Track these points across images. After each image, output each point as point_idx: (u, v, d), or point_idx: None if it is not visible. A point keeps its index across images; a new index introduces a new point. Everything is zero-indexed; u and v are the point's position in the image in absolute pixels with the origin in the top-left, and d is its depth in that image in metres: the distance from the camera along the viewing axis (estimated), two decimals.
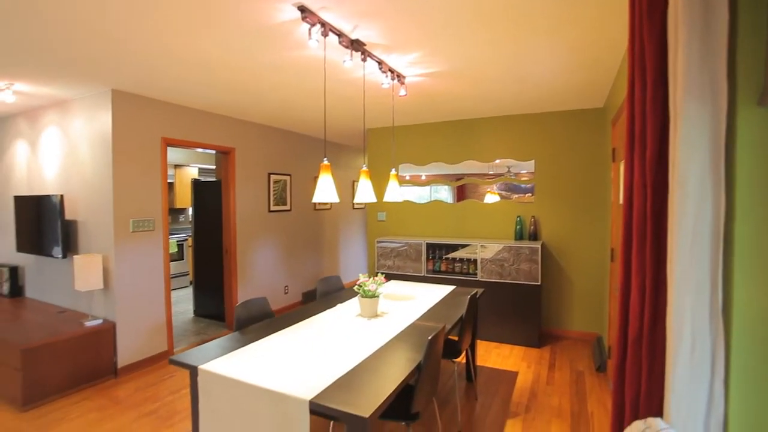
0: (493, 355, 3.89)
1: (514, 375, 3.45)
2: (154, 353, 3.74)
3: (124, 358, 3.49)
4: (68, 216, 3.75)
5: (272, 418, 1.57)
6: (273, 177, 5.07)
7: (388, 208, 5.18)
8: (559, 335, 4.36)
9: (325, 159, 2.15)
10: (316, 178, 5.90)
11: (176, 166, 6.88)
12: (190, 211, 7.57)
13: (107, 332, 3.39)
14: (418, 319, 2.51)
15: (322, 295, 3.17)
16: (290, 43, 2.46)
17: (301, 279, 5.65)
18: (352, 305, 2.82)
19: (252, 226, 4.78)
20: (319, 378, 1.67)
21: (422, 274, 4.51)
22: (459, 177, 4.79)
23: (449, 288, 3.39)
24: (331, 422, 2.42)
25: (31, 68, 2.86)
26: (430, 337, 1.85)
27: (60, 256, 3.64)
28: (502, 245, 4.10)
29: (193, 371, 1.85)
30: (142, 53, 2.59)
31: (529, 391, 3.17)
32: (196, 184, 5.06)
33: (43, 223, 3.81)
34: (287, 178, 5.31)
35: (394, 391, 1.58)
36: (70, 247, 3.73)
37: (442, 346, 2.06)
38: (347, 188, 6.77)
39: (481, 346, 4.10)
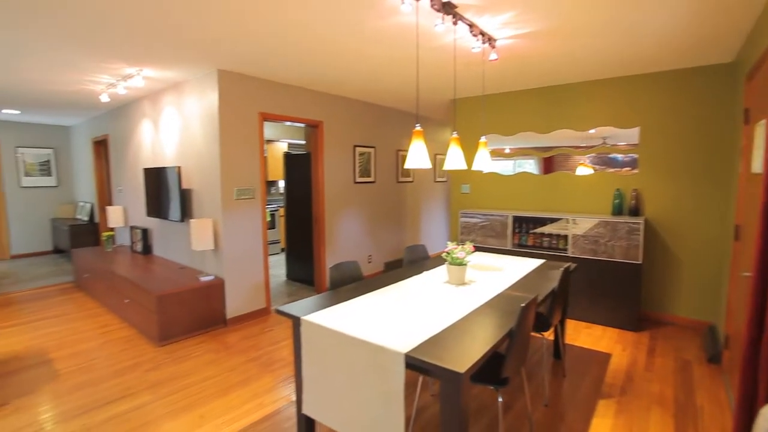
0: (582, 334, 3.70)
1: (606, 357, 3.25)
2: (255, 309, 4.16)
3: (231, 310, 3.95)
4: (184, 185, 4.26)
5: (369, 368, 1.68)
6: (358, 149, 5.22)
7: (473, 181, 5.07)
8: (661, 320, 3.99)
9: (417, 125, 2.16)
10: (399, 150, 5.96)
11: (268, 141, 7.39)
12: (280, 183, 8.15)
13: (218, 287, 3.84)
14: (507, 289, 2.46)
15: (408, 262, 3.25)
16: (382, 11, 2.46)
17: (384, 249, 5.83)
18: (438, 273, 2.86)
19: (339, 197, 5.00)
20: (413, 335, 1.74)
21: (507, 248, 4.39)
22: (547, 149, 4.50)
23: (538, 261, 3.26)
24: (421, 377, 2.52)
25: (156, 55, 3.23)
26: (523, 305, 1.82)
27: (179, 220, 4.17)
28: (597, 220, 3.81)
29: (296, 321, 2.04)
30: (245, 33, 2.78)
31: (624, 374, 2.98)
32: (288, 157, 5.40)
33: (165, 191, 4.38)
34: (371, 150, 5.44)
35: (487, 352, 1.59)
36: (186, 212, 4.25)
37: (533, 316, 2.01)
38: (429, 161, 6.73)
39: (570, 325, 3.91)
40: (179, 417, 2.49)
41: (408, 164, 2.16)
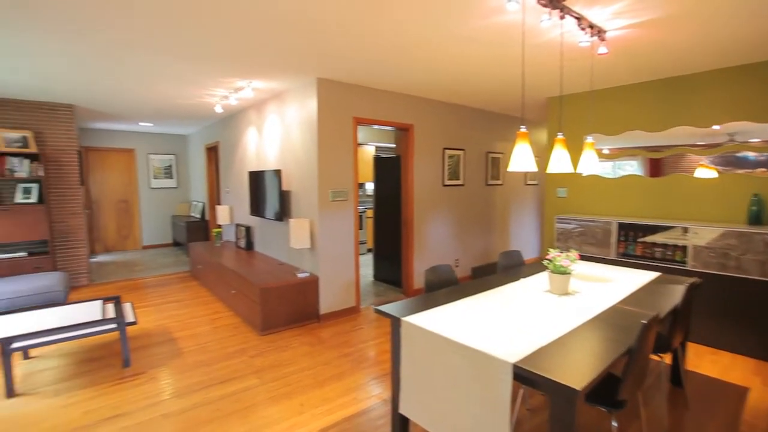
0: (706, 361, 3.24)
1: (741, 390, 2.81)
2: (345, 307, 4.33)
3: (324, 306, 4.15)
4: (284, 187, 4.58)
5: (473, 375, 1.64)
6: (447, 152, 5.18)
7: (570, 184, 4.73)
8: None
9: (522, 126, 2.07)
10: (488, 152, 5.79)
11: (357, 145, 7.65)
12: (368, 185, 8.39)
13: (313, 284, 4.07)
14: (618, 303, 2.25)
15: (503, 268, 3.14)
16: (485, 10, 2.41)
17: (471, 254, 5.70)
18: (537, 281, 2.71)
19: (427, 200, 5.01)
20: (518, 344, 1.66)
21: (610, 258, 4.02)
22: (658, 148, 4.03)
23: (652, 274, 2.93)
24: (522, 390, 2.41)
25: (264, 68, 3.53)
26: (644, 321, 1.64)
27: (278, 219, 4.50)
28: (725, 230, 3.32)
29: (396, 322, 2.07)
30: (345, 44, 2.91)
31: (767, 413, 2.55)
32: (377, 160, 5.54)
33: (267, 193, 4.75)
34: (461, 152, 5.36)
35: (605, 370, 1.46)
36: (285, 212, 4.57)
37: (654, 335, 1.81)
38: None
39: (691, 349, 3.46)
40: (281, 402, 2.68)
41: (512, 167, 2.08)
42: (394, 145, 8.32)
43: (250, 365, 3.20)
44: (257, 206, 5.05)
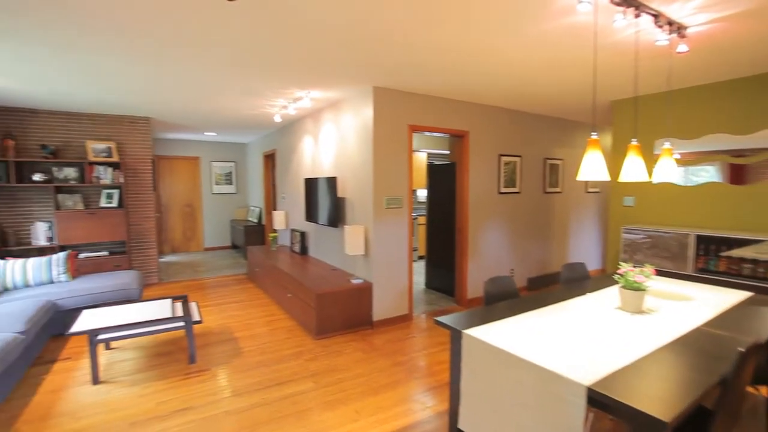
0: None
1: None
2: (398, 314, 4.31)
3: (377, 313, 4.16)
4: (339, 194, 4.67)
5: (541, 395, 1.56)
6: (503, 158, 5.03)
7: (638, 192, 4.42)
8: None
9: (593, 133, 1.96)
10: (546, 159, 5.56)
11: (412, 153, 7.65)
12: (419, 192, 8.36)
13: (367, 290, 4.09)
14: (703, 325, 2.05)
15: (566, 280, 2.98)
16: (553, 12, 2.32)
17: (527, 263, 5.48)
18: (604, 296, 2.54)
19: (482, 207, 4.89)
20: (591, 366, 1.56)
21: (687, 273, 3.69)
22: (741, 152, 3.65)
23: (742, 294, 2.65)
24: (591, 414, 2.26)
25: (322, 78, 3.63)
26: (742, 349, 1.47)
27: (333, 225, 4.58)
28: None
29: (456, 334, 2.02)
30: (402, 52, 2.92)
31: None
32: (431, 167, 5.50)
33: (322, 199, 4.87)
34: (517, 159, 5.19)
35: (695, 402, 1.33)
36: (340, 219, 4.65)
37: (753, 364, 1.62)
38: (576, 169, 6.12)
39: None
40: (337, 408, 2.70)
41: (582, 176, 1.97)
42: (447, 152, 8.25)
43: (305, 368, 3.27)
44: (312, 212, 5.19)
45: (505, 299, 2.56)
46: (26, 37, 2.65)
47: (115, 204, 5.49)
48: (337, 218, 4.55)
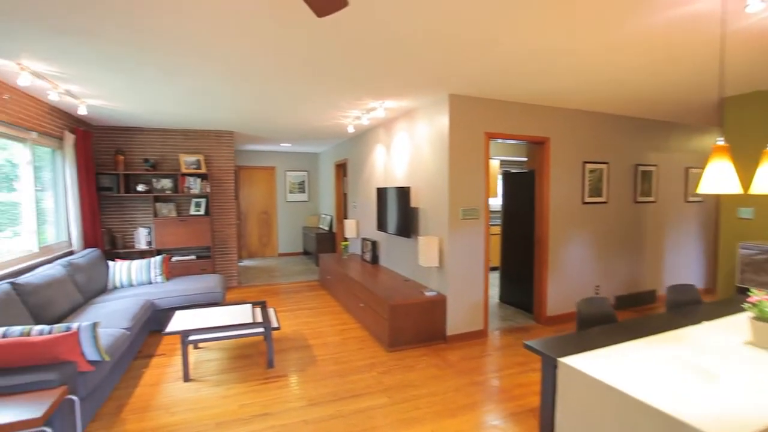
0: None
1: None
2: (472, 329, 4.13)
3: (450, 327, 4.02)
4: (412, 204, 4.61)
5: None
6: (588, 166, 4.66)
7: (758, 202, 3.83)
8: None
9: (719, 139, 1.69)
10: (638, 165, 5.05)
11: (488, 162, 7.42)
12: (490, 201, 8.06)
13: (440, 303, 3.98)
14: None
15: (673, 305, 2.63)
16: (665, 2, 2.07)
17: (615, 280, 5.00)
18: (723, 326, 2.19)
19: (564, 218, 4.56)
20: (728, 417, 1.31)
21: None
22: None
23: None
24: None
25: (397, 88, 3.61)
26: None
27: (406, 236, 4.53)
28: None
29: (549, 361, 1.84)
30: (480, 60, 2.79)
31: None
32: (506, 176, 5.26)
33: (395, 209, 4.84)
34: (604, 166, 4.77)
35: None
36: (413, 229, 4.59)
37: None
38: (678, 176, 5.49)
39: None
40: (413, 427, 2.61)
41: (704, 188, 1.71)
42: (522, 159, 7.89)
43: (379, 382, 3.22)
44: (384, 222, 5.19)
45: (602, 323, 2.31)
46: (140, 64, 2.94)
47: (202, 212, 5.93)
48: (409, 228, 4.49)
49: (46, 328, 2.46)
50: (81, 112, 4.25)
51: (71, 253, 4.57)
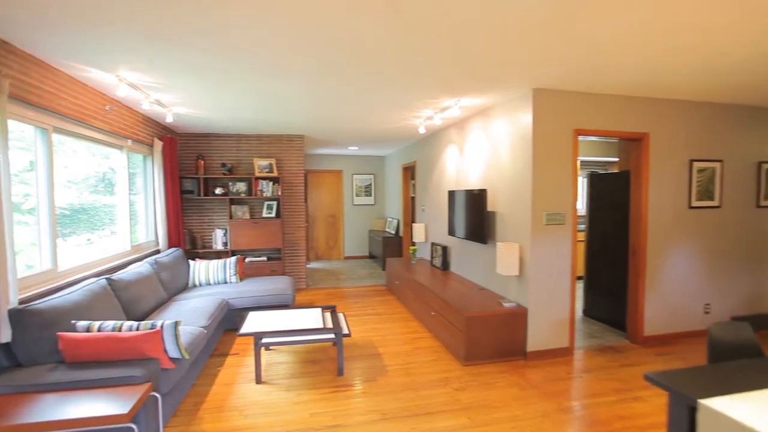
0: None
1: None
2: (556, 346, 3.73)
3: (531, 343, 3.66)
4: (489, 208, 4.31)
5: None
6: (696, 164, 4.04)
7: None
8: None
9: None
10: (762, 162, 4.29)
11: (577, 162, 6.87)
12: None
13: (520, 316, 3.63)
14: None
15: None
16: None
17: (730, 298, 4.28)
18: None
19: (665, 225, 3.99)
20: None
21: None
22: None
23: None
24: None
25: (474, 84, 3.35)
26: None
27: (481, 241, 4.23)
28: None
29: (682, 400, 1.49)
30: (569, 47, 2.46)
31: None
32: (592, 177, 4.76)
33: (468, 213, 4.57)
34: (716, 165, 4.11)
35: None
36: (489, 235, 4.28)
37: None
38: None
39: None
40: None
41: None
42: (605, 159, 7.21)
43: (456, 399, 2.98)
44: (456, 226, 4.93)
45: (742, 354, 1.88)
46: (222, 70, 3.00)
47: (273, 214, 6.07)
48: (485, 234, 4.19)
49: (134, 324, 2.55)
50: (168, 120, 4.51)
51: (157, 252, 4.86)
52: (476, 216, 4.33)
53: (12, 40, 2.52)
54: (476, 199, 4.33)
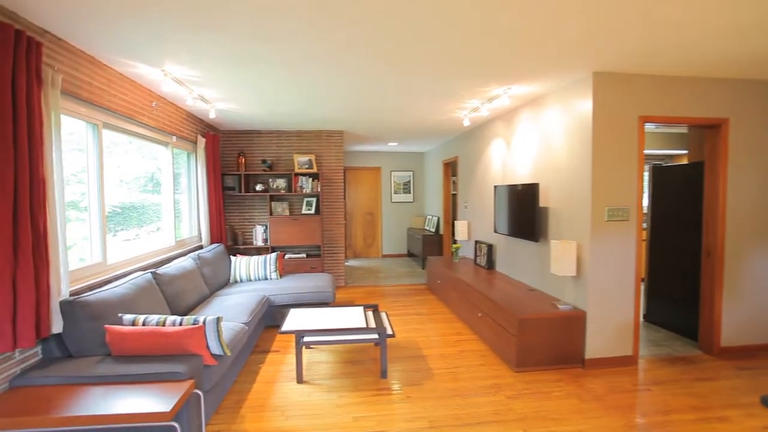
0: None
1: None
2: (618, 354, 3.40)
3: (590, 350, 3.36)
4: (541, 203, 4.02)
5: None
6: None
7: None
8: None
9: None
10: None
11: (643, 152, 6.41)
12: None
13: (578, 320, 3.34)
14: None
15: None
16: None
17: None
18: None
19: (747, 223, 3.55)
20: None
21: None
22: None
23: None
24: None
25: (528, 69, 3.09)
26: None
27: (532, 239, 3.95)
28: None
29: None
30: (636, 24, 2.16)
31: None
32: (656, 170, 4.35)
33: (517, 209, 4.29)
34: None
35: None
36: (541, 232, 3.99)
37: None
38: None
39: None
40: None
41: None
42: (668, 152, 6.66)
43: (509, 408, 2.75)
44: (503, 223, 4.66)
45: None
46: (267, 62, 2.92)
47: (313, 211, 6.03)
48: (536, 231, 3.91)
49: (177, 319, 2.51)
50: (211, 116, 4.53)
51: (200, 247, 4.92)
52: (526, 212, 4.06)
53: (65, 36, 2.54)
54: (526, 194, 4.05)
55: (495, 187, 4.84)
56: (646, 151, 6.53)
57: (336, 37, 2.56)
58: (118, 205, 3.42)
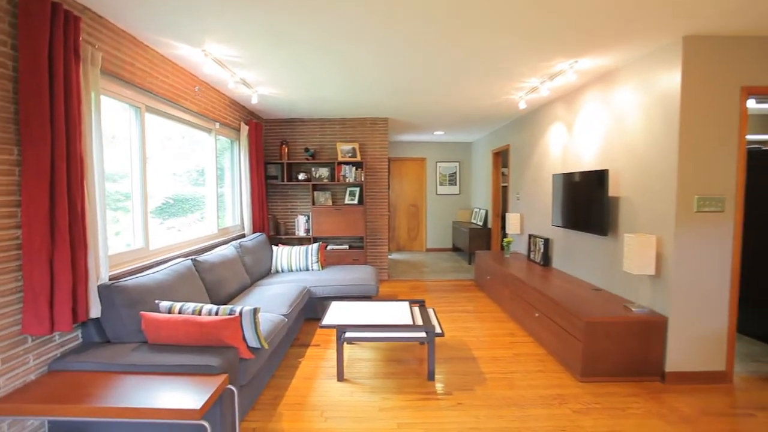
0: None
1: None
2: (707, 369, 2.91)
3: (672, 361, 2.89)
4: (611, 192, 3.55)
5: None
6: None
7: None
8: None
9: None
10: None
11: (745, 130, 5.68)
12: None
13: (657, 326, 2.88)
14: None
15: None
16: None
17: None
18: None
19: None
20: None
21: None
22: None
23: None
24: None
25: (600, 38, 2.66)
26: None
27: (600, 233, 3.50)
28: None
29: None
30: None
31: None
32: (752, 155, 3.72)
33: (581, 199, 3.84)
34: None
35: None
36: (610, 224, 3.54)
37: None
38: None
39: None
40: None
41: None
42: (761, 137, 5.81)
43: (577, 425, 2.39)
44: (563, 215, 4.21)
45: None
46: (306, 40, 2.71)
47: (356, 201, 5.83)
48: (604, 223, 3.45)
49: (213, 308, 2.37)
50: (253, 101, 4.41)
51: (242, 236, 4.86)
52: (592, 202, 3.60)
53: (105, 14, 2.46)
54: (592, 183, 3.59)
55: (553, 175, 4.38)
56: None
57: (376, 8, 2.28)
58: (171, 197, 3.40)
